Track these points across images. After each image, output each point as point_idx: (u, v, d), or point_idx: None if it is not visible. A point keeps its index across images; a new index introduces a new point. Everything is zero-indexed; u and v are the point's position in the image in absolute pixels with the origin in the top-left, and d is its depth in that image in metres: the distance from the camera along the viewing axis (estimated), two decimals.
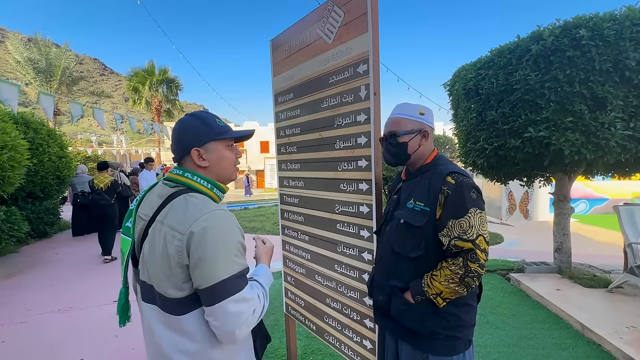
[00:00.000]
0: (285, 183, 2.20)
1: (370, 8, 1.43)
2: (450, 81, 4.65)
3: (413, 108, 1.35)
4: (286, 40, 2.04)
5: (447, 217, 1.18)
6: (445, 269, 1.17)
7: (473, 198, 1.18)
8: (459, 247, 1.16)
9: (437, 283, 1.17)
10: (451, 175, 1.21)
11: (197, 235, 0.86)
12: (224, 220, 0.89)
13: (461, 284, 1.15)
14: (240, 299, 0.87)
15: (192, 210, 0.90)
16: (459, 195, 1.18)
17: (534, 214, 9.09)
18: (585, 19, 3.15)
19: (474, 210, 1.17)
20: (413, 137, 1.32)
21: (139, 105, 22.86)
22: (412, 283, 1.24)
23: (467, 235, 1.15)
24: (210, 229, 0.86)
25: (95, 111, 7.73)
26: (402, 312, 1.25)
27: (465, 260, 1.14)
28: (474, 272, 1.14)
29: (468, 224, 1.16)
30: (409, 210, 1.27)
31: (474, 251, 1.14)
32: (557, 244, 4.38)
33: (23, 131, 6.13)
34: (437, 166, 1.31)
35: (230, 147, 1.04)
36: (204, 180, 0.99)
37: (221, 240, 0.87)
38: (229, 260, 0.87)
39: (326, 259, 1.86)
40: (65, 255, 5.94)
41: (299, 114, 1.98)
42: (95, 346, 2.90)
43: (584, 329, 2.93)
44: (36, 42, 21.33)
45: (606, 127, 3.15)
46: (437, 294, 1.18)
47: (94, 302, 3.85)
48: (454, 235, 1.16)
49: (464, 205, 1.17)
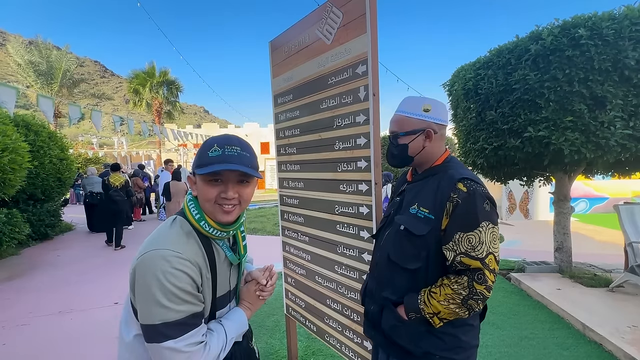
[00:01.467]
0: (285, 184, 2.20)
1: (369, 9, 1.44)
2: (450, 81, 4.65)
3: (417, 104, 1.21)
4: (285, 41, 2.04)
5: (454, 229, 1.04)
6: (446, 287, 1.03)
7: (486, 210, 1.04)
8: (465, 264, 1.02)
9: (435, 302, 1.04)
10: (463, 181, 1.06)
11: (137, 272, 0.85)
12: (163, 265, 0.83)
13: (463, 306, 1.01)
14: (168, 347, 0.83)
15: (148, 241, 0.89)
16: (470, 205, 1.03)
17: (534, 213, 9.08)
18: (584, 18, 3.16)
19: (486, 225, 1.02)
20: (415, 137, 1.19)
21: (139, 107, 22.91)
22: (406, 297, 1.11)
23: (476, 253, 1.00)
24: (147, 271, 0.83)
25: (93, 113, 7.74)
26: (393, 327, 1.13)
27: (471, 280, 1.00)
28: (479, 295, 0.99)
29: (478, 240, 1.01)
30: (412, 216, 1.14)
31: (482, 271, 0.99)
32: (557, 244, 4.37)
33: (24, 134, 6.15)
34: (447, 169, 1.16)
35: (211, 182, 0.89)
36: (196, 209, 0.93)
37: (155, 284, 0.82)
38: (159, 305, 0.82)
39: (326, 260, 1.86)
40: (66, 258, 5.95)
41: (299, 115, 1.99)
42: (96, 348, 2.91)
43: (585, 329, 2.93)
44: (37, 44, 21.38)
45: (606, 127, 3.15)
46: (434, 314, 1.05)
47: (95, 304, 3.85)
48: (461, 250, 1.02)
49: (476, 217, 1.02)
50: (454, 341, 1.10)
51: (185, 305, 0.85)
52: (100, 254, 6.17)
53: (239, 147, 0.91)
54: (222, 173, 0.89)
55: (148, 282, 0.83)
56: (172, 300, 0.83)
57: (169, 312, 0.83)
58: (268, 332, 3.06)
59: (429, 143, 1.19)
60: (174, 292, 0.83)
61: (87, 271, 5.12)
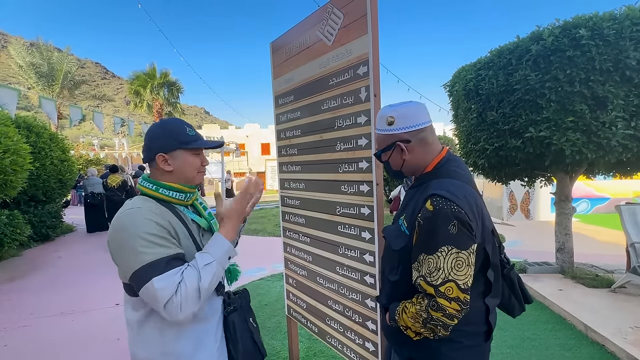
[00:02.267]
0: (286, 185, 2.20)
1: (370, 10, 1.44)
2: (450, 82, 4.65)
3: (382, 118, 1.10)
4: (286, 42, 2.05)
5: (418, 250, 0.99)
6: (413, 305, 1.01)
7: (450, 233, 0.93)
8: (422, 287, 0.98)
9: (405, 317, 1.03)
10: (432, 198, 0.97)
11: (109, 240, 1.00)
12: (127, 220, 0.97)
13: (425, 327, 0.98)
14: (150, 287, 0.91)
15: (115, 216, 1.01)
16: (431, 227, 0.95)
17: (535, 214, 9.06)
18: (585, 18, 3.15)
19: (447, 249, 0.93)
20: (390, 153, 1.12)
21: (140, 109, 22.95)
22: (390, 306, 1.12)
23: (431, 279, 0.94)
24: (115, 232, 0.97)
25: (95, 115, 7.77)
26: (385, 329, 1.21)
27: (428, 304, 0.96)
28: (437, 321, 0.94)
29: (435, 265, 0.94)
30: (396, 228, 1.12)
31: (435, 299, 0.94)
32: (559, 244, 4.36)
33: (25, 135, 6.17)
34: (432, 179, 1.07)
35: (196, 155, 1.12)
36: (150, 183, 1.08)
37: (124, 238, 0.95)
38: (136, 252, 0.93)
39: (328, 260, 1.86)
40: (67, 259, 5.96)
41: (300, 116, 1.99)
42: (97, 349, 2.91)
43: (587, 330, 2.92)
44: (38, 46, 21.44)
45: (607, 127, 3.15)
46: (405, 327, 1.04)
47: (97, 305, 3.86)
48: (422, 273, 0.98)
49: (435, 240, 0.94)
50: (436, 355, 1.06)
51: (159, 248, 0.95)
52: (102, 255, 6.17)
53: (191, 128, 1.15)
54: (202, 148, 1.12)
55: (121, 240, 0.95)
56: (145, 245, 0.93)
57: (146, 255, 0.93)
58: (269, 333, 3.05)
59: (407, 154, 1.09)
60: (145, 237, 0.94)
61: (88, 272, 5.13)
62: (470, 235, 0.96)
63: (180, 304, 0.92)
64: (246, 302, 1.25)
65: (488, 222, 1.07)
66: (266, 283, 4.45)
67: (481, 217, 1.02)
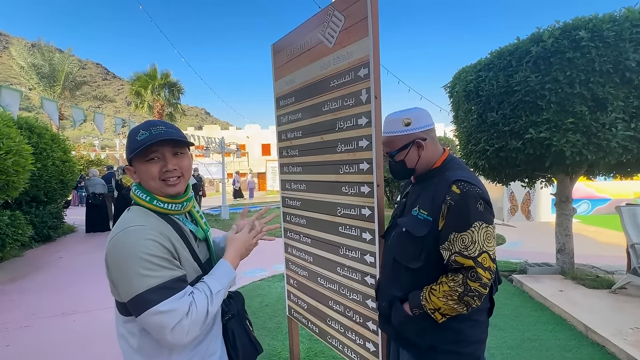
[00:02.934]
0: (287, 186, 2.21)
1: (371, 13, 1.45)
2: (451, 83, 4.66)
3: (397, 122, 1.26)
4: (287, 44, 2.06)
5: (449, 230, 1.10)
6: (444, 284, 1.09)
7: (479, 210, 1.08)
8: (459, 263, 1.07)
9: (435, 298, 1.10)
10: (457, 183, 1.11)
11: (108, 256, 0.91)
12: (130, 239, 0.89)
13: (460, 302, 1.07)
14: (156, 312, 0.85)
15: (115, 229, 0.94)
16: (462, 206, 1.08)
17: (535, 214, 9.06)
18: (585, 20, 3.17)
19: (479, 224, 1.07)
20: (407, 152, 1.25)
21: (141, 109, 22.97)
22: (410, 295, 1.18)
23: (469, 252, 1.06)
24: (117, 250, 0.89)
25: (96, 116, 7.80)
26: (401, 323, 1.21)
27: (465, 278, 1.06)
28: (474, 292, 1.05)
29: (470, 239, 1.06)
30: (413, 218, 1.20)
31: (475, 270, 1.05)
32: (559, 245, 4.37)
33: (27, 136, 6.19)
34: (445, 171, 1.21)
35: (150, 162, 0.96)
36: (143, 193, 0.99)
37: (128, 258, 0.87)
38: (141, 275, 0.86)
39: (328, 261, 1.87)
40: (69, 259, 5.97)
41: (301, 117, 2.00)
42: (98, 349, 2.92)
43: (588, 331, 2.92)
44: (40, 47, 21.52)
45: (607, 128, 3.16)
46: (435, 309, 1.11)
47: (98, 305, 3.87)
48: (455, 250, 1.08)
49: (468, 218, 1.07)
50: (459, 335, 1.15)
51: (163, 271, 0.88)
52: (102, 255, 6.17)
53: (163, 126, 0.98)
54: (158, 150, 0.96)
55: (121, 259, 0.88)
56: (148, 267, 0.86)
57: (149, 279, 0.86)
58: (270, 334, 3.06)
59: (423, 151, 1.25)
60: (149, 260, 0.87)
61: (89, 273, 5.14)
62: (492, 212, 1.13)
63: (189, 328, 0.88)
64: (241, 306, 1.22)
65: None
66: (267, 284, 4.46)
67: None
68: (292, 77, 2.04)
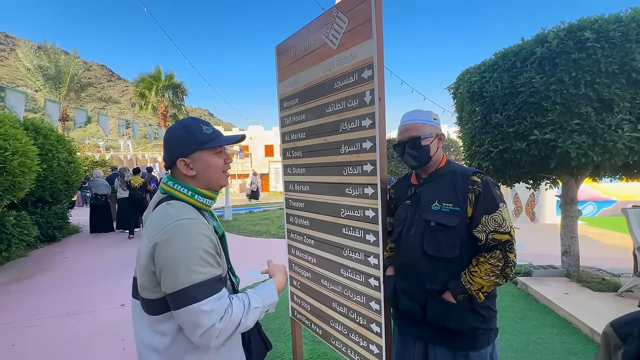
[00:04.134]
0: (291, 187, 2.21)
1: (375, 14, 1.45)
2: (455, 84, 4.65)
3: (427, 113, 1.42)
4: (291, 46, 2.06)
5: (480, 214, 1.24)
6: (484, 263, 1.22)
7: (499, 194, 1.27)
8: (497, 240, 1.22)
9: (478, 279, 1.22)
10: (476, 175, 1.29)
11: (160, 245, 0.89)
12: (186, 231, 0.90)
13: (501, 276, 1.21)
14: (197, 310, 0.86)
15: (162, 220, 0.93)
16: (488, 192, 1.25)
17: (540, 216, 8.99)
18: (590, 21, 3.14)
19: (503, 206, 1.25)
20: (432, 140, 1.38)
21: (145, 111, 23.12)
22: (450, 283, 1.27)
23: (504, 228, 1.22)
24: (171, 240, 0.89)
25: (100, 117, 7.86)
26: (443, 314, 1.27)
27: (503, 251, 1.21)
28: (512, 262, 1.22)
29: (502, 217, 1.23)
30: (437, 212, 1.30)
31: (511, 242, 1.22)
32: (564, 247, 4.33)
33: (33, 137, 6.25)
34: (453, 169, 1.37)
35: (218, 154, 1.06)
36: (185, 187, 1.01)
37: (181, 251, 0.88)
38: (189, 270, 0.87)
39: (332, 263, 1.86)
40: (73, 259, 6.01)
41: (304, 119, 2.00)
42: (103, 350, 2.93)
43: (594, 334, 2.89)
44: (46, 49, 21.71)
45: (613, 129, 3.13)
46: (479, 289, 1.22)
47: (102, 305, 3.89)
48: (490, 229, 1.22)
49: (494, 201, 1.24)
50: (490, 313, 1.31)
51: (208, 268, 0.91)
52: (107, 256, 6.22)
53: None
54: (223, 145, 1.06)
55: (176, 251, 0.88)
56: (198, 263, 0.89)
57: (196, 275, 0.88)
58: (273, 335, 3.06)
59: (439, 146, 1.41)
60: (200, 255, 0.89)
61: (94, 273, 5.17)
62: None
63: (220, 332, 0.88)
64: None
65: None
66: None
67: None
68: (296, 79, 2.05)
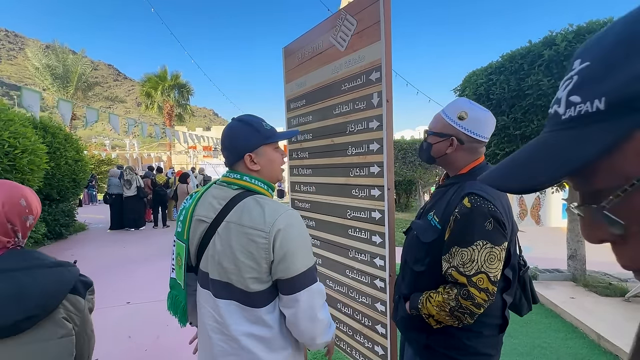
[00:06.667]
0: (297, 188, 2.22)
1: (383, 17, 1.45)
2: (461, 86, 4.63)
3: (455, 108, 1.17)
4: (299, 47, 2.08)
5: (451, 243, 1.06)
6: (440, 294, 1.08)
7: (486, 229, 1.01)
8: (454, 277, 1.05)
9: (430, 305, 1.09)
10: (470, 196, 1.05)
11: (283, 232, 0.93)
12: (299, 219, 1.00)
13: (452, 316, 1.05)
14: (317, 289, 0.97)
15: (269, 211, 0.96)
16: (468, 222, 1.03)
17: (546, 219, 8.91)
18: (599, 23, 3.13)
19: (482, 243, 1.01)
20: (440, 141, 1.19)
21: (151, 110, 23.33)
22: (412, 296, 1.20)
23: (465, 269, 1.02)
24: (293, 226, 0.96)
25: (111, 117, 7.95)
26: (403, 318, 1.26)
27: (457, 294, 1.03)
28: (466, 309, 1.02)
29: (469, 257, 1.02)
30: (426, 223, 1.19)
31: (467, 288, 1.01)
32: (570, 251, 4.29)
33: (42, 135, 6.32)
34: (464, 180, 1.15)
35: (276, 149, 1.10)
36: (260, 182, 1.05)
37: (301, 236, 0.97)
38: (308, 253, 0.97)
39: (337, 264, 1.87)
40: (79, 257, 6.04)
41: (311, 120, 2.01)
42: (108, 347, 2.96)
43: (600, 339, 2.87)
44: (54, 49, 22.00)
45: None
46: (428, 315, 1.11)
47: (108, 303, 3.92)
48: (453, 264, 1.05)
49: (472, 234, 1.02)
50: (457, 342, 1.14)
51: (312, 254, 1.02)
52: (113, 253, 6.28)
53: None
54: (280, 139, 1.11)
55: (297, 235, 0.96)
56: (310, 247, 1.01)
57: (312, 258, 0.99)
58: None
59: (452, 151, 1.17)
60: (310, 240, 1.01)
61: (100, 271, 5.22)
62: (504, 233, 1.04)
63: (317, 320, 0.98)
64: None
65: (514, 225, 1.15)
66: None
67: (510, 220, 1.11)
68: (303, 80, 2.06)
